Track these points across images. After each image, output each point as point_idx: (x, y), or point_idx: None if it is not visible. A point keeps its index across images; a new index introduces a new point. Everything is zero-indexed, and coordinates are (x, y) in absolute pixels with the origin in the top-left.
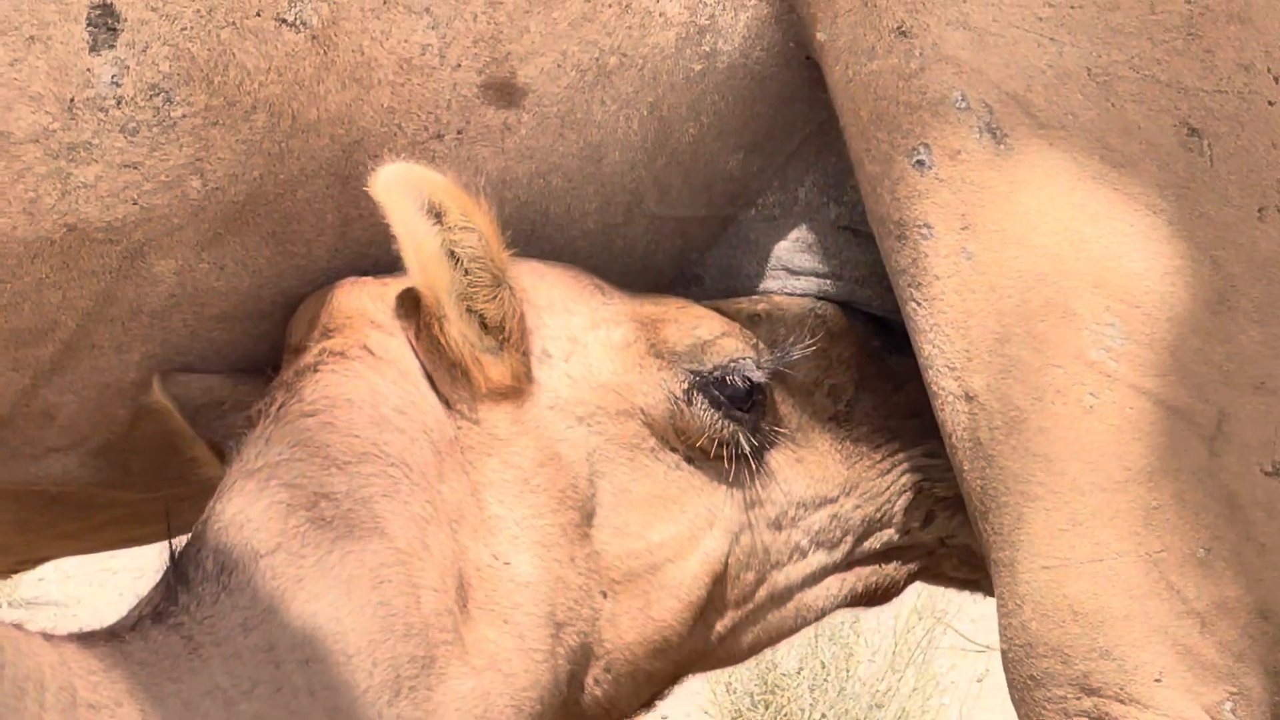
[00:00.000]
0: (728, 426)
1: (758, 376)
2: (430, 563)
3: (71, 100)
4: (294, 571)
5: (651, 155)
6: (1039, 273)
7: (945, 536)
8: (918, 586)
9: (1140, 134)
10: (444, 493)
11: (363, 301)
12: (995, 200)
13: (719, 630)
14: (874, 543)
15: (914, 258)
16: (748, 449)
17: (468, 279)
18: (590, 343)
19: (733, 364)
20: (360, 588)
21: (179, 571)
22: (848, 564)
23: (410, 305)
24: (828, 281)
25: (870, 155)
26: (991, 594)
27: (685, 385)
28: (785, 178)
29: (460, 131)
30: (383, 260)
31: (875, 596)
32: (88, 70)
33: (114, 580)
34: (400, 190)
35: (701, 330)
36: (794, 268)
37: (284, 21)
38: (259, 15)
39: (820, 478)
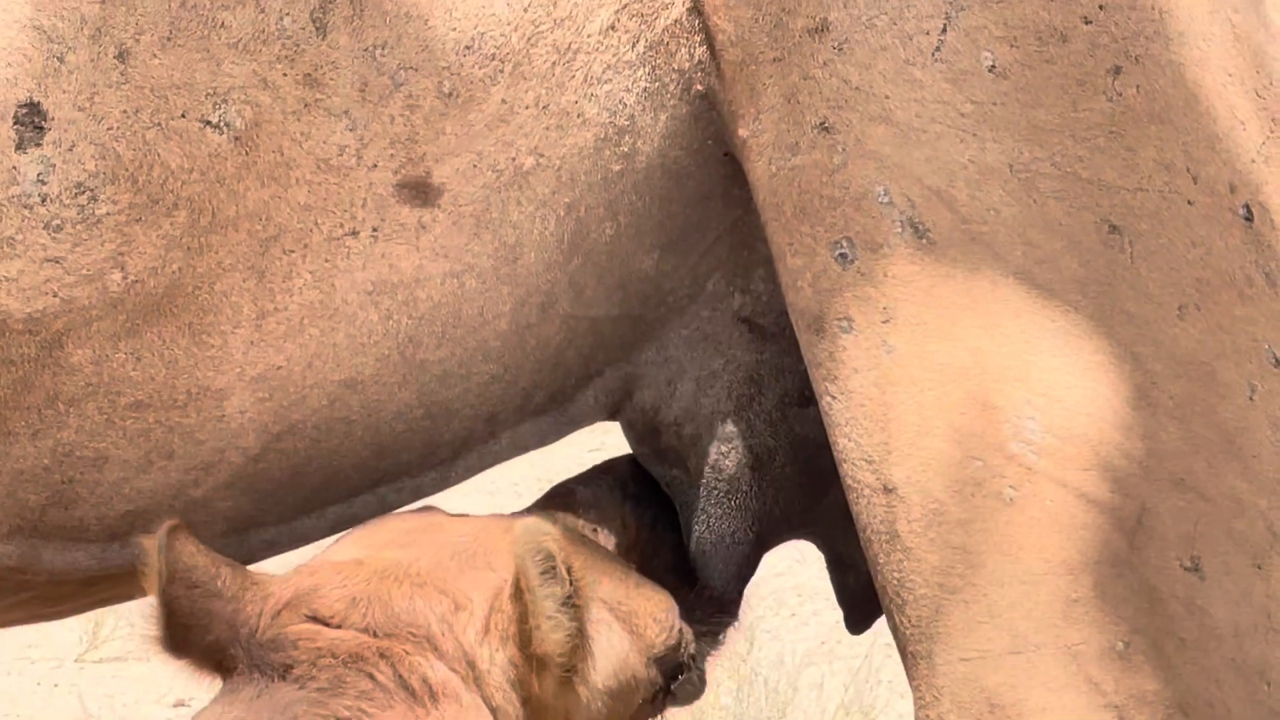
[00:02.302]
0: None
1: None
2: None
3: None
4: None
5: (567, 256)
6: (960, 366)
7: None
8: (845, 681)
9: (1062, 230)
10: None
11: (428, 619)
12: (917, 294)
13: None
14: None
15: (831, 351)
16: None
17: (570, 641)
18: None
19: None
20: None
21: None
22: None
23: (483, 635)
24: (707, 382)
25: (792, 249)
26: None
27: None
28: (697, 273)
29: (375, 229)
30: (295, 355)
31: None
32: (13, 168)
33: (32, 670)
34: (528, 550)
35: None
36: (684, 364)
37: (208, 123)
38: (184, 117)
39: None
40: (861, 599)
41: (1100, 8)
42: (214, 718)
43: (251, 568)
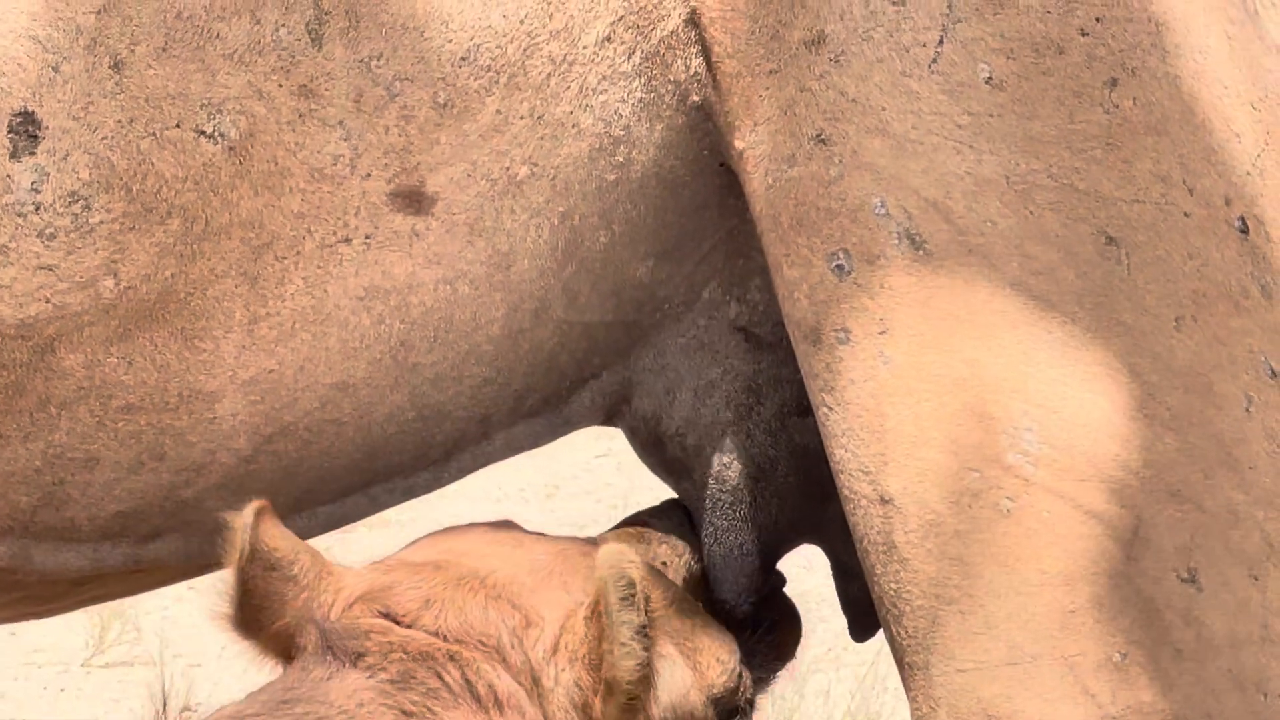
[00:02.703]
0: None
1: None
2: None
3: None
4: None
5: (561, 263)
6: (957, 377)
7: None
8: (851, 688)
9: (1059, 241)
10: None
11: (499, 630)
12: (914, 305)
13: None
14: None
15: (829, 362)
16: None
17: (640, 670)
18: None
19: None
20: None
21: None
22: None
23: (551, 653)
24: (705, 391)
25: (789, 260)
26: None
27: None
28: (692, 281)
29: (368, 237)
30: (287, 359)
31: None
32: (7, 177)
33: (38, 674)
34: (612, 574)
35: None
36: (681, 373)
37: (202, 133)
38: (178, 127)
39: None
40: (865, 607)
41: (1097, 20)
42: (281, 691)
43: None
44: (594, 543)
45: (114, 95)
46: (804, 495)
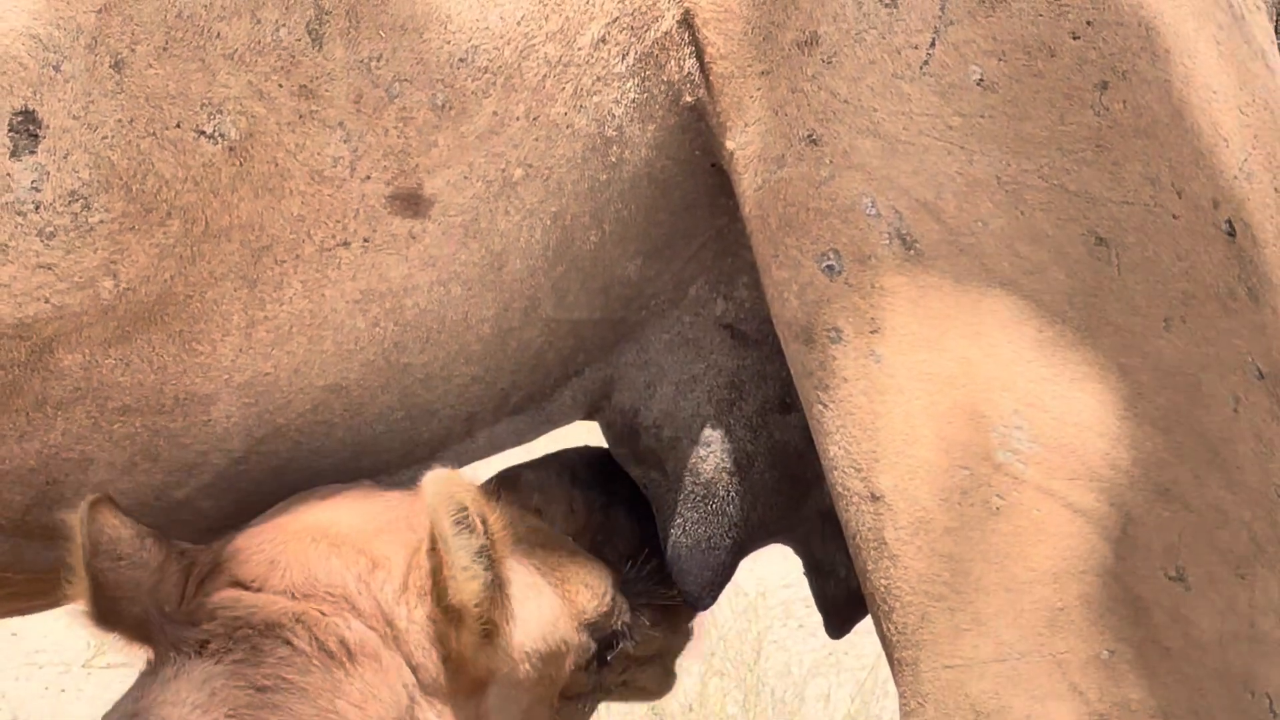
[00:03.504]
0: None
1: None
2: None
3: None
4: None
5: (552, 263)
6: (948, 376)
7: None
8: (851, 692)
9: (1049, 242)
10: None
11: (344, 578)
12: (905, 304)
13: None
14: None
15: (821, 361)
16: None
17: (486, 592)
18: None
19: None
20: None
21: None
22: None
23: (400, 593)
24: (687, 386)
25: (779, 260)
26: None
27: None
28: (680, 279)
29: (367, 240)
30: (282, 362)
31: None
32: (7, 175)
33: (39, 675)
34: (440, 500)
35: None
36: (664, 368)
37: (203, 133)
38: (179, 127)
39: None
40: (839, 605)
41: (1088, 24)
42: (131, 703)
43: None
44: None
45: (114, 94)
46: (779, 493)
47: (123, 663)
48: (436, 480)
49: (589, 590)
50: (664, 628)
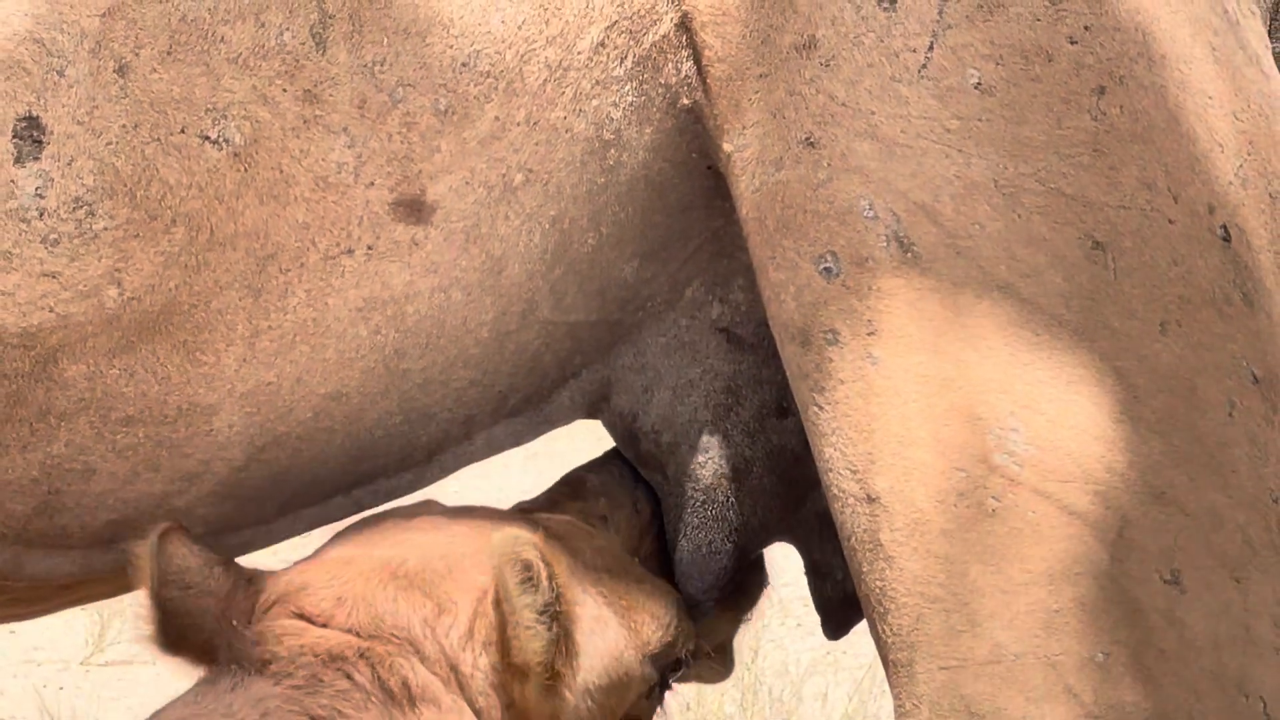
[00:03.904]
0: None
1: None
2: None
3: None
4: None
5: (550, 266)
6: (944, 378)
7: None
8: (849, 691)
9: (1046, 245)
10: None
11: (410, 621)
12: (902, 307)
13: None
14: None
15: (817, 362)
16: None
17: (550, 649)
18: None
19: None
20: None
21: None
22: None
23: (466, 640)
24: (684, 390)
25: (776, 262)
26: None
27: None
28: (676, 281)
29: (370, 247)
30: (285, 371)
31: None
32: (11, 182)
33: (37, 672)
34: (505, 561)
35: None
36: (660, 372)
37: (207, 139)
38: (183, 132)
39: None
40: (837, 606)
41: (1085, 29)
42: (183, 707)
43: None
44: (520, 511)
45: (118, 100)
46: (778, 497)
47: (121, 661)
48: (502, 540)
49: (654, 621)
50: (726, 619)
